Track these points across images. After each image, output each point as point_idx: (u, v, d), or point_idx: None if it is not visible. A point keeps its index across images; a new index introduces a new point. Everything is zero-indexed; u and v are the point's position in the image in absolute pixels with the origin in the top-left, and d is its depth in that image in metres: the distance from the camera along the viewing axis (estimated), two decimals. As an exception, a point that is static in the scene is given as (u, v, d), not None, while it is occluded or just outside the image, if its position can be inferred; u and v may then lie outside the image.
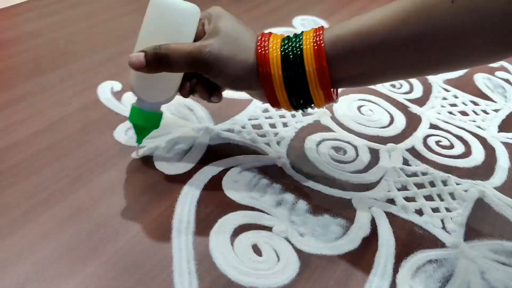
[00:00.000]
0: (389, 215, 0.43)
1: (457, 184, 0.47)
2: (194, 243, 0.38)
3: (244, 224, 0.40)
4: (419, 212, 0.44)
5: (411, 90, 0.63)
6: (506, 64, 0.72)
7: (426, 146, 0.53)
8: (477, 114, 0.60)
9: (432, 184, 0.47)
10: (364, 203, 0.44)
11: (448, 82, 0.65)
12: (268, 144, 0.49)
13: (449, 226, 0.43)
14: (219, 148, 0.48)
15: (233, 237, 0.39)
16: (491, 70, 0.70)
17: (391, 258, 0.39)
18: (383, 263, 0.38)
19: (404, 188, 0.46)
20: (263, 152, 0.48)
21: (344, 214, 0.42)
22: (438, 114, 0.59)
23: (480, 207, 0.45)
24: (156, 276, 0.35)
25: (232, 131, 0.50)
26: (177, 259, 0.36)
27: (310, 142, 0.50)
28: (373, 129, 0.54)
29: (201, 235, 0.38)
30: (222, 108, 0.53)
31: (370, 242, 0.40)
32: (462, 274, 0.39)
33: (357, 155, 0.50)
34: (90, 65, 0.58)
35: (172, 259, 0.36)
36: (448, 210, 0.44)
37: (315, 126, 0.53)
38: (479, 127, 0.57)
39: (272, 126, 0.52)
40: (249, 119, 0.52)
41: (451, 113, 0.59)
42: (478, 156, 0.52)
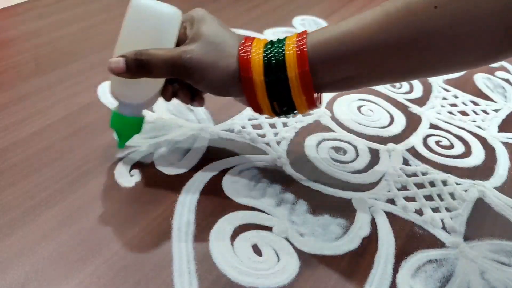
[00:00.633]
0: (389, 215, 0.43)
1: (457, 184, 0.47)
2: (194, 243, 0.38)
3: (244, 224, 0.40)
4: (419, 212, 0.44)
5: (411, 90, 0.63)
6: (506, 64, 0.72)
7: (426, 146, 0.53)
8: (477, 114, 0.60)
9: (432, 184, 0.47)
10: (364, 203, 0.44)
11: (448, 82, 0.65)
12: (268, 144, 0.49)
13: (449, 226, 0.43)
14: (219, 148, 0.48)
15: (233, 237, 0.39)
16: (491, 70, 0.70)
17: (391, 258, 0.39)
18: (383, 263, 0.38)
19: (404, 188, 0.46)
20: (263, 152, 0.48)
21: (344, 214, 0.42)
22: (438, 114, 0.59)
23: (480, 207, 0.45)
24: (156, 276, 0.35)
25: (232, 131, 0.50)
26: (177, 259, 0.36)
27: (310, 142, 0.50)
28: (373, 129, 0.54)
29: (201, 235, 0.38)
30: (222, 108, 0.53)
31: (370, 242, 0.40)
32: (462, 274, 0.39)
33: (357, 155, 0.50)
34: (90, 65, 0.58)
35: (172, 259, 0.36)
36: (448, 210, 0.44)
37: (315, 126, 0.53)
38: (479, 127, 0.57)
39: (272, 126, 0.52)
40: (249, 119, 0.52)
41: (451, 113, 0.59)
42: (478, 156, 0.52)
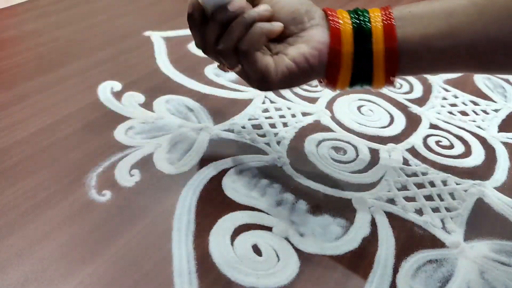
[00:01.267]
0: (389, 215, 0.43)
1: (457, 184, 0.47)
2: (194, 243, 0.38)
3: (244, 224, 0.40)
4: (419, 212, 0.44)
5: (411, 90, 0.63)
6: (506, 64, 0.72)
7: (426, 146, 0.53)
8: (477, 114, 0.60)
9: (432, 184, 0.47)
10: (364, 203, 0.44)
11: (448, 82, 0.65)
12: (268, 144, 0.49)
13: (449, 226, 0.43)
14: (219, 148, 0.48)
15: (233, 237, 0.39)
16: (491, 70, 0.70)
17: (391, 258, 0.39)
18: (383, 263, 0.38)
19: (404, 188, 0.46)
20: (263, 152, 0.48)
21: (344, 214, 0.42)
22: (438, 114, 0.59)
23: (480, 207, 0.45)
24: (156, 276, 0.35)
25: (232, 131, 0.50)
26: (177, 259, 0.36)
27: (310, 142, 0.50)
28: (373, 129, 0.54)
29: (201, 235, 0.38)
30: (222, 108, 0.53)
31: (370, 242, 0.40)
32: (462, 274, 0.39)
33: (357, 155, 0.50)
34: (90, 65, 0.58)
35: (172, 259, 0.36)
36: (448, 210, 0.44)
37: (315, 126, 0.53)
38: (479, 127, 0.57)
39: (272, 126, 0.52)
40: (249, 119, 0.52)
41: (451, 113, 0.59)
42: (478, 156, 0.52)
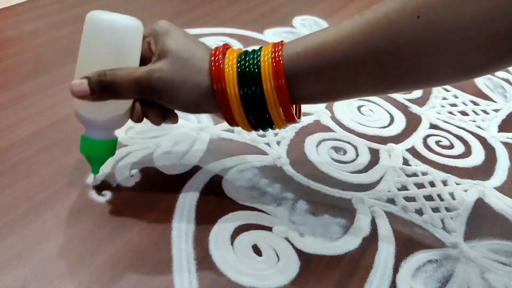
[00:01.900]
0: (389, 215, 0.43)
1: (457, 184, 0.47)
2: (194, 243, 0.38)
3: (244, 224, 0.40)
4: (419, 212, 0.44)
5: (411, 90, 0.63)
6: (506, 64, 0.72)
7: (426, 146, 0.53)
8: (477, 114, 0.60)
9: (432, 184, 0.47)
10: (364, 203, 0.44)
11: (448, 82, 0.65)
12: (268, 144, 0.49)
13: (449, 226, 0.43)
14: (219, 148, 0.48)
15: (233, 237, 0.39)
16: (491, 70, 0.70)
17: (391, 258, 0.39)
18: (383, 263, 0.38)
19: (404, 188, 0.46)
20: (263, 152, 0.48)
21: (344, 214, 0.42)
22: (438, 114, 0.59)
23: (480, 207, 0.45)
24: (156, 276, 0.35)
25: (232, 131, 0.50)
26: (177, 259, 0.36)
27: (310, 142, 0.50)
28: (373, 129, 0.54)
29: (201, 235, 0.38)
30: (222, 108, 0.53)
31: (370, 242, 0.40)
32: (462, 274, 0.39)
33: (357, 155, 0.50)
34: (90, 65, 0.58)
35: (172, 259, 0.36)
36: (448, 210, 0.44)
37: (315, 126, 0.53)
38: (479, 127, 0.57)
39: (272, 126, 0.52)
40: (249, 119, 0.52)
41: (451, 113, 0.59)
42: (478, 156, 0.52)
